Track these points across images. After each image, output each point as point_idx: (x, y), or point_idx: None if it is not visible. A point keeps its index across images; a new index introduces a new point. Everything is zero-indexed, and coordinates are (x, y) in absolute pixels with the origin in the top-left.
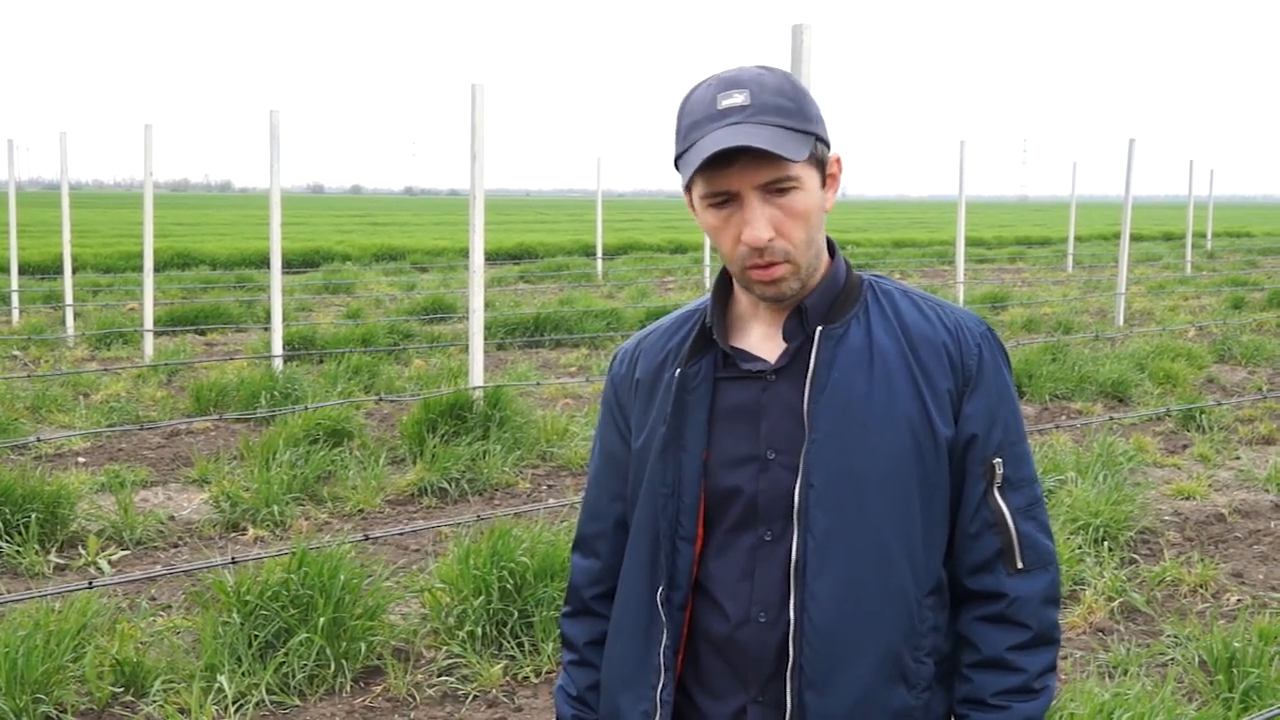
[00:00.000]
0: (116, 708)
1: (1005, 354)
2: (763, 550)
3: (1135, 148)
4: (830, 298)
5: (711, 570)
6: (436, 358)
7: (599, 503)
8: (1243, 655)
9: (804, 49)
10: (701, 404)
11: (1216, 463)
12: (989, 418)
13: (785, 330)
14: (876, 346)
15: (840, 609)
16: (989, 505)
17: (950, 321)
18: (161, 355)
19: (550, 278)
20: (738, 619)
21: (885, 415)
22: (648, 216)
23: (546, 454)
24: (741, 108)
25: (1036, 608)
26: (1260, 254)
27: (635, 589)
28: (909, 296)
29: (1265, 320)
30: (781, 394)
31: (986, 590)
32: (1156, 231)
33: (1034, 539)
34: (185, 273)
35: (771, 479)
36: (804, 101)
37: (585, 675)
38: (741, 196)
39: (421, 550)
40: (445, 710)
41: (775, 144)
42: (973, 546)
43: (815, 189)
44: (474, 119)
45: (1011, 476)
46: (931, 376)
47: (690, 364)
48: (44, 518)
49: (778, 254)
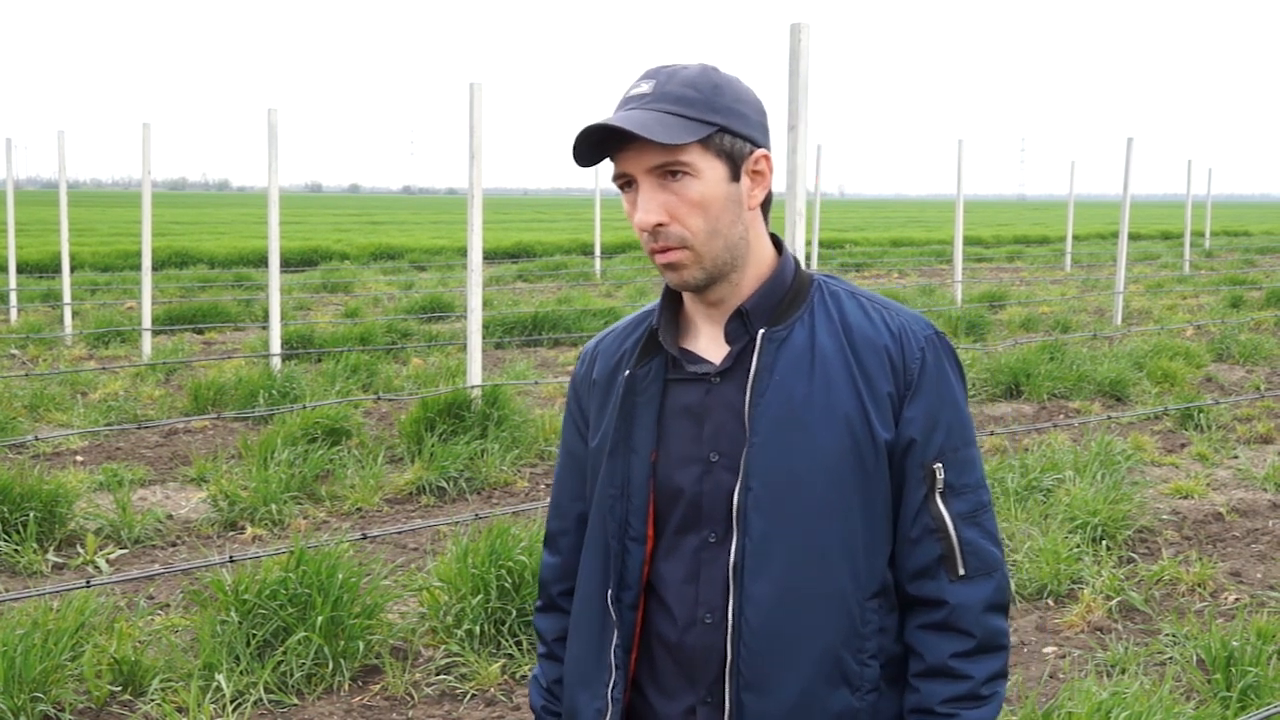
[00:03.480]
0: (114, 706)
1: (954, 358)
2: (707, 552)
3: (1133, 147)
4: (773, 299)
5: (661, 572)
6: (435, 356)
7: (561, 501)
8: (1241, 654)
9: (802, 48)
10: (650, 405)
11: (1214, 461)
12: (929, 422)
13: (727, 332)
14: (818, 348)
15: (777, 610)
16: (929, 511)
17: (895, 324)
18: (159, 354)
19: (548, 277)
20: (685, 621)
21: (824, 417)
22: None
23: (544, 453)
24: (642, 95)
25: (979, 615)
26: (1258, 253)
27: (590, 588)
28: (856, 298)
29: (1263, 319)
30: (725, 396)
31: (928, 597)
32: (1155, 230)
33: (976, 545)
34: (183, 271)
35: (714, 481)
36: (715, 95)
37: (554, 668)
38: (637, 180)
39: (420, 549)
40: (443, 709)
41: (646, 127)
42: (913, 552)
43: (717, 179)
44: (472, 118)
45: (954, 482)
46: (872, 379)
47: (640, 365)
48: (42, 516)
49: (673, 239)
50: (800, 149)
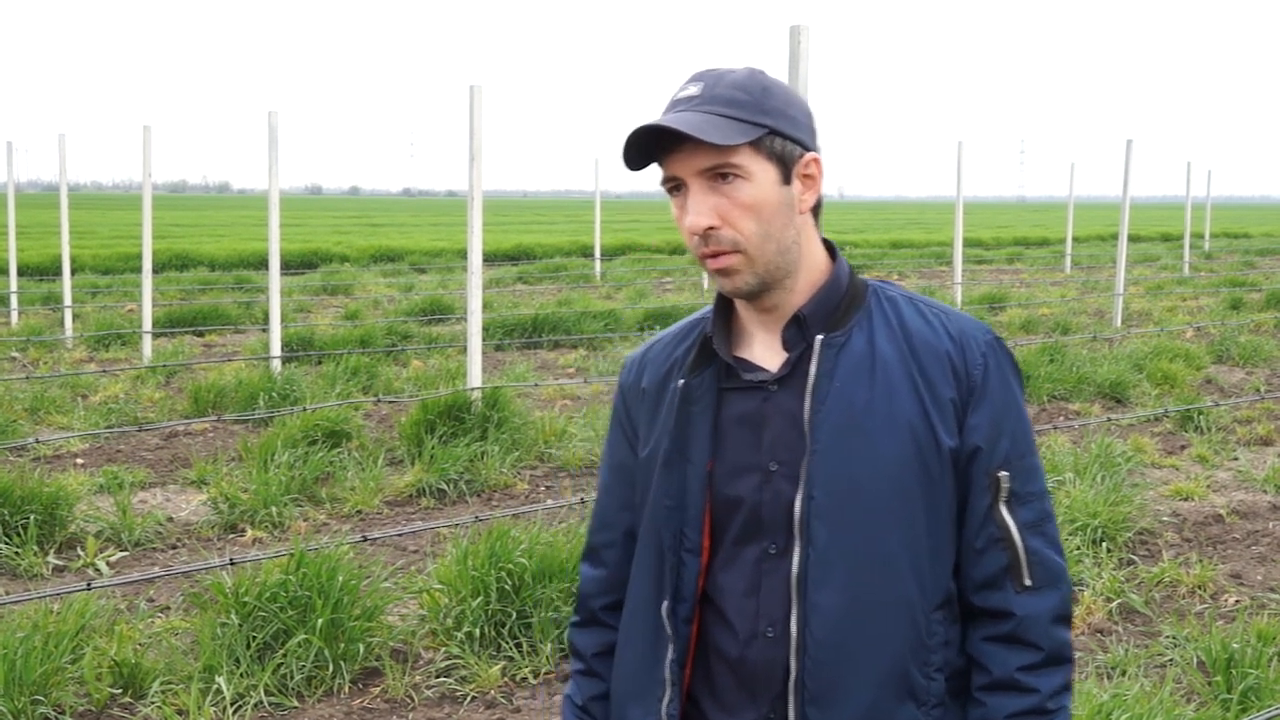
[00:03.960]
0: (115, 709)
1: (1014, 363)
2: (768, 563)
3: (1133, 148)
4: (830, 305)
5: (720, 584)
6: (435, 359)
7: (608, 512)
8: (1241, 656)
9: (801, 50)
10: (705, 415)
11: (1215, 463)
12: (994, 429)
13: (784, 339)
14: (879, 354)
15: (842, 622)
16: (995, 520)
17: (955, 329)
18: (160, 356)
19: (548, 279)
20: (746, 635)
21: (887, 424)
22: (646, 217)
23: (544, 455)
24: (690, 98)
25: (1046, 627)
26: (1258, 254)
27: (642, 601)
28: (914, 303)
29: (1263, 321)
30: (783, 404)
31: (994, 608)
32: (1154, 232)
33: (1043, 555)
34: (184, 274)
35: (774, 490)
36: (764, 96)
37: (591, 685)
38: (687, 184)
39: (420, 551)
40: (443, 711)
41: (698, 128)
42: (979, 562)
43: (769, 183)
44: (472, 120)
45: (1019, 490)
46: (934, 385)
47: (694, 375)
48: (42, 519)
49: (724, 243)
50: None
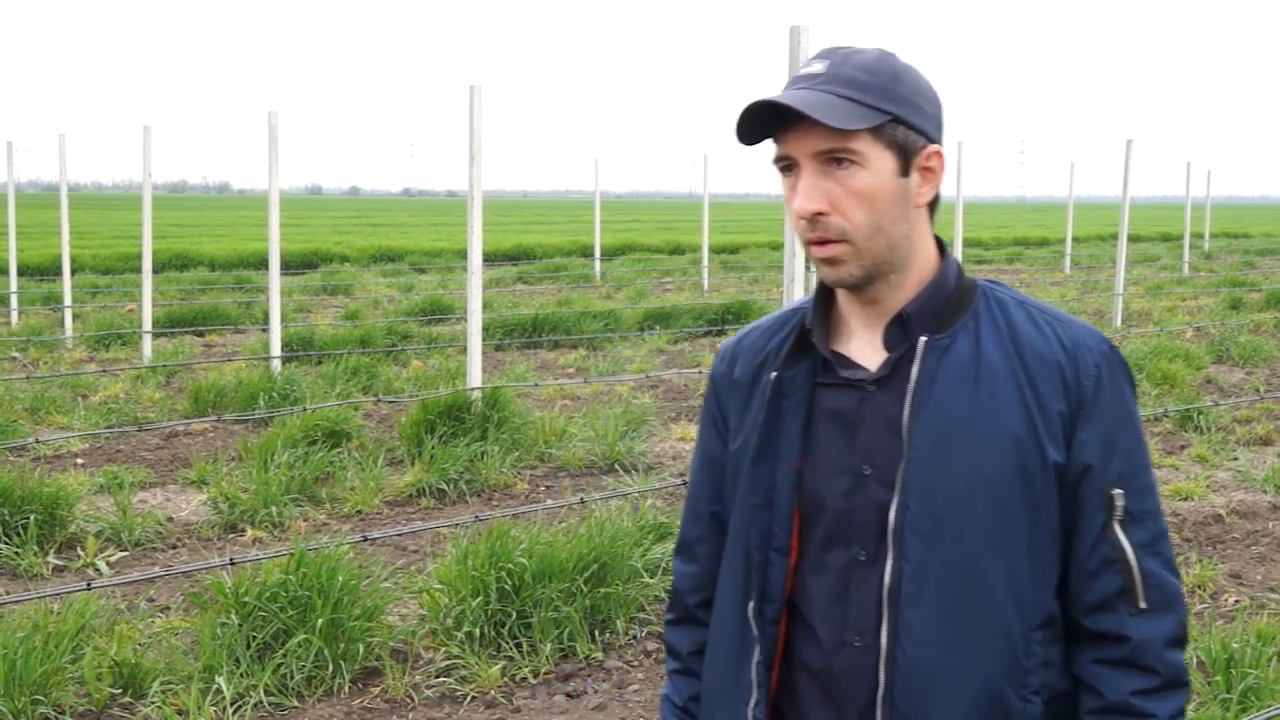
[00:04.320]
0: (115, 709)
1: (1129, 376)
2: (856, 571)
3: (1133, 148)
4: (936, 305)
5: (807, 589)
6: (435, 359)
7: (698, 505)
8: (1241, 656)
9: (801, 50)
10: (797, 410)
11: (1214, 463)
12: (1107, 445)
13: (886, 339)
14: (984, 360)
15: (936, 640)
16: (1108, 540)
17: (1067, 337)
18: (160, 356)
19: (548, 279)
20: (832, 644)
21: (989, 434)
22: (646, 217)
23: (545, 455)
24: (814, 75)
25: (1161, 651)
26: (1258, 254)
27: (730, 601)
28: (1024, 307)
29: (1263, 321)
30: (880, 405)
31: (1107, 632)
32: (1154, 232)
33: (1158, 576)
34: (184, 274)
35: (865, 495)
36: (892, 82)
37: (689, 685)
38: (800, 164)
39: (420, 551)
40: (443, 711)
41: (816, 108)
42: (1091, 585)
43: (885, 172)
44: (472, 120)
45: (1134, 509)
46: (1042, 396)
47: (788, 367)
48: (42, 519)
49: (832, 230)
50: None
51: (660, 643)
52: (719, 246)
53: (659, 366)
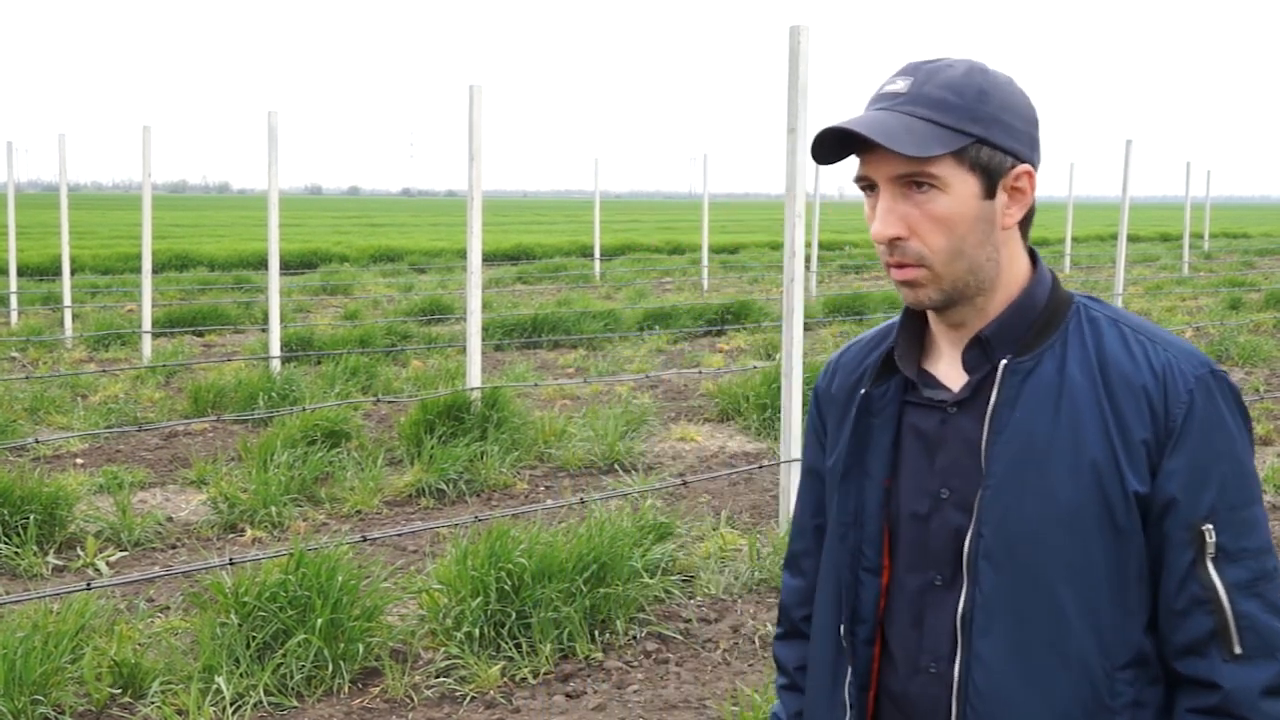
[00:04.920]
0: (114, 709)
1: (1236, 402)
2: (932, 595)
3: (1132, 149)
4: (1019, 325)
5: (891, 609)
6: (434, 359)
7: (803, 518)
8: None
9: (801, 50)
10: (886, 429)
11: None
12: (1197, 476)
13: (965, 360)
14: (1068, 384)
15: (1006, 672)
16: (1198, 579)
17: (1159, 360)
18: (159, 356)
19: (548, 279)
20: (907, 668)
21: (1069, 461)
22: (645, 217)
23: (544, 455)
24: (895, 95)
25: (1257, 701)
26: (1257, 255)
27: (825, 620)
28: (1119, 325)
29: (1262, 321)
30: (961, 428)
31: (1197, 677)
32: (1154, 232)
33: (1256, 619)
34: (183, 274)
35: (943, 518)
36: (978, 101)
37: (795, 700)
38: (879, 187)
39: (419, 551)
40: (443, 711)
41: (890, 135)
42: (1180, 625)
43: (967, 195)
44: (472, 120)
45: (1229, 547)
46: (1126, 422)
47: (877, 385)
48: (42, 519)
49: (909, 255)
50: (799, 151)
51: (660, 643)
52: (719, 246)
53: (658, 366)
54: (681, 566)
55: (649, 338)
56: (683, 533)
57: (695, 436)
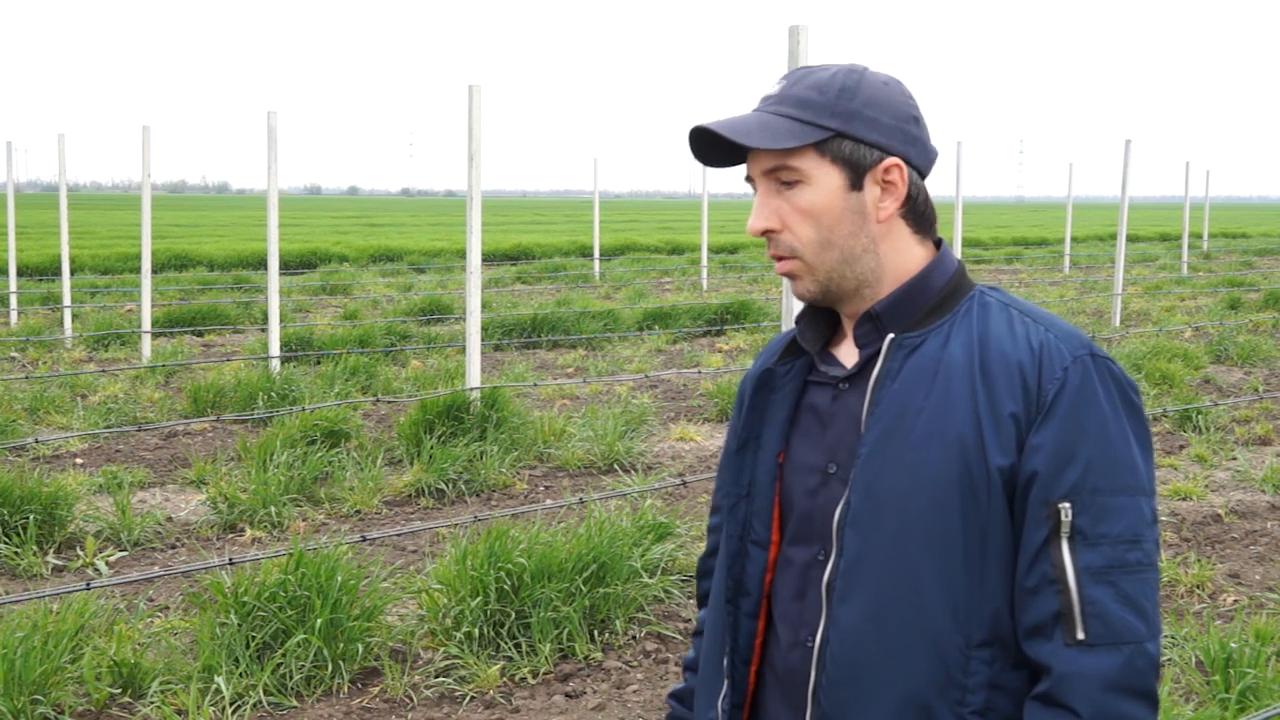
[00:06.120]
0: (114, 709)
1: (1115, 386)
2: (814, 570)
3: (1132, 149)
4: (910, 305)
5: (776, 585)
6: (434, 359)
7: (716, 495)
8: (1239, 656)
9: (801, 50)
10: (784, 404)
11: (1213, 463)
12: (1061, 454)
13: (857, 336)
14: (946, 359)
15: (861, 641)
16: (1049, 558)
17: (1038, 339)
18: (159, 356)
19: (547, 278)
20: (788, 641)
21: (934, 434)
22: (645, 217)
23: (544, 455)
24: (768, 96)
25: (1094, 692)
26: (1256, 255)
27: (717, 592)
28: (1009, 310)
29: (1261, 321)
30: (849, 403)
31: (1039, 660)
32: (1153, 232)
33: (1105, 608)
34: (183, 274)
35: (828, 494)
36: (839, 98)
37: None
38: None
39: (419, 551)
40: (442, 711)
41: (744, 131)
42: (1029, 605)
43: (831, 187)
44: (471, 120)
45: (1085, 529)
46: (996, 396)
47: (782, 363)
48: (42, 519)
49: (783, 248)
50: None
51: (659, 643)
52: (718, 246)
53: (658, 366)
54: (681, 566)
55: (648, 338)
56: (682, 533)
57: (694, 436)
